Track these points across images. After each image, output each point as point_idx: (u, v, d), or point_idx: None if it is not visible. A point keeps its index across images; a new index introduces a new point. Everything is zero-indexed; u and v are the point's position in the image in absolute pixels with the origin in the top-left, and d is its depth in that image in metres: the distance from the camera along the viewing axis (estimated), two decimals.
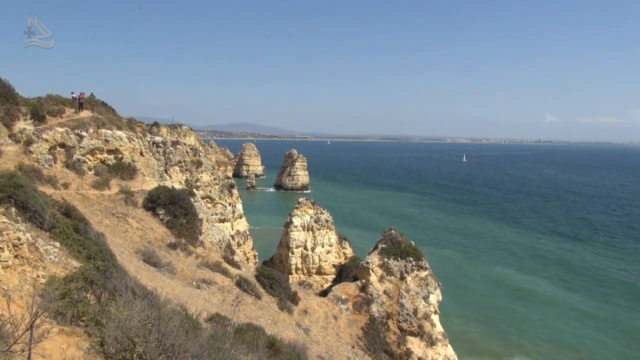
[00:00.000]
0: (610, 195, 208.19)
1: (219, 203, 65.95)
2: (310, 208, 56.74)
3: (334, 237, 56.33)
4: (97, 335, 6.44)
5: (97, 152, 30.20)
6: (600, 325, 67.41)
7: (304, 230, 55.26)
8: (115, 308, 6.83)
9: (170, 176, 56.07)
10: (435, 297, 36.24)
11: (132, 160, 31.71)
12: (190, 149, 70.25)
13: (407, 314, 33.54)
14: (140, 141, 34.12)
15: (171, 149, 63.89)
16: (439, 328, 35.58)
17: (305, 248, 54.60)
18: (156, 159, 49.27)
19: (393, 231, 38.97)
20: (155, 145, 62.39)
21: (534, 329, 65.12)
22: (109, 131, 31.31)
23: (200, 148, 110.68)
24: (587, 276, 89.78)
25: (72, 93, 35.32)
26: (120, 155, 31.15)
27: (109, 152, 30.78)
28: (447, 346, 34.97)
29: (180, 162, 63.77)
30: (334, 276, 50.73)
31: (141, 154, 33.45)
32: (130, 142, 32.23)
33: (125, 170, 30.37)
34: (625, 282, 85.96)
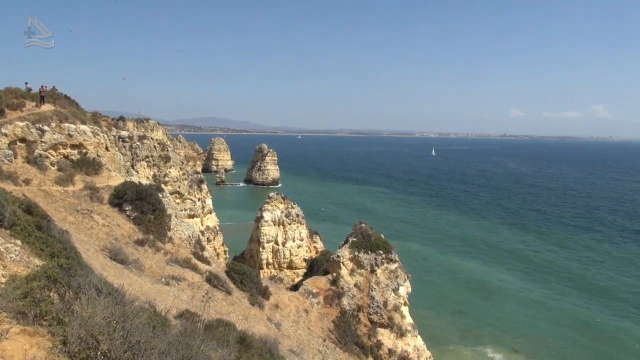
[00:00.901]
0: (571, 188, 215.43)
1: (188, 198, 65.07)
2: (281, 203, 56.66)
3: (304, 232, 56.45)
4: (60, 334, 6.28)
5: (60, 147, 29.27)
6: (558, 315, 69.82)
7: (274, 225, 55.16)
8: (79, 306, 6.68)
9: (137, 171, 54.93)
10: (404, 289, 36.81)
11: (97, 156, 30.89)
12: (158, 143, 68.98)
13: (378, 307, 33.96)
14: (105, 136, 33.27)
15: (138, 143, 62.58)
16: (409, 319, 36.19)
17: (276, 243, 54.53)
18: (122, 154, 48.16)
19: (363, 225, 39.30)
20: (121, 139, 60.96)
21: (498, 319, 66.98)
22: (72, 125, 30.39)
23: (168, 143, 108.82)
24: (547, 267, 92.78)
25: (27, 83, 34.05)
26: (84, 150, 30.29)
27: (73, 147, 29.88)
28: (416, 337, 35.62)
29: (147, 157, 62.55)
30: (305, 270, 50.87)
31: (106, 148, 32.64)
32: (95, 137, 31.38)
33: (90, 166, 29.55)
34: (581, 274, 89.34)
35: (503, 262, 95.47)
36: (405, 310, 36.31)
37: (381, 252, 36.42)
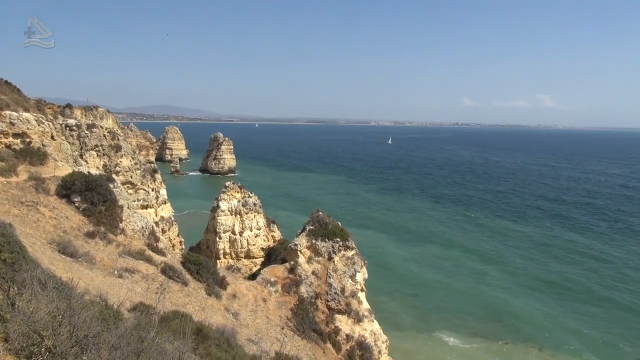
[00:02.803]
0: (518, 173, 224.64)
1: (141, 189, 63.29)
2: (238, 192, 56.04)
3: (262, 221, 56.16)
4: (2, 331, 5.98)
5: (2, 135, 27.75)
6: (507, 296, 73.13)
7: (231, 214, 54.56)
8: (22, 301, 6.38)
9: (86, 161, 52.87)
10: (361, 275, 37.40)
11: (42, 145, 29.47)
12: (108, 132, 66.52)
13: (335, 293, 34.36)
14: (50, 124, 31.77)
15: (86, 132, 60.13)
16: (366, 305, 36.86)
17: (233, 232, 54.00)
18: (70, 143, 46.20)
19: (320, 213, 39.50)
20: (68, 128, 58.40)
21: (452, 303, 69.33)
22: (14, 113, 28.81)
23: (119, 131, 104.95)
24: (497, 251, 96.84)
25: None
26: (28, 140, 28.82)
27: (15, 135, 28.38)
28: (373, 322, 36.35)
29: (97, 146, 60.26)
30: (263, 259, 50.74)
31: (52, 137, 31.19)
32: (39, 125, 29.91)
33: (34, 156, 28.15)
34: (528, 259, 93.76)
35: (456, 246, 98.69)
36: (362, 296, 36.94)
37: (338, 239, 36.78)
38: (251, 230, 54.47)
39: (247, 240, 53.98)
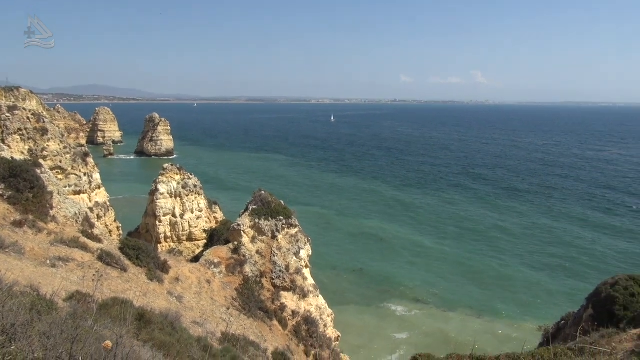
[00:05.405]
0: (451, 148, 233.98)
1: (72, 174, 60.04)
2: (177, 174, 54.64)
3: (203, 202, 55.24)
4: None
5: None
6: (446, 263, 76.84)
7: (171, 197, 53.23)
8: None
9: (8, 146, 49.39)
10: (305, 252, 37.85)
11: None
12: (32, 114, 62.22)
13: (280, 271, 34.62)
14: None
15: (8, 115, 55.99)
16: (310, 281, 37.45)
17: (174, 215, 52.80)
18: None
19: (263, 192, 39.35)
20: None
21: (396, 273, 71.83)
22: None
23: (45, 113, 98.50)
24: (435, 220, 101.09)
25: None
26: None
27: None
28: (318, 297, 37.06)
29: (20, 129, 56.32)
30: (206, 241, 50.04)
31: None
32: None
33: None
34: (463, 224, 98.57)
35: (401, 219, 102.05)
36: (307, 272, 37.46)
37: (281, 217, 36.89)
38: (192, 213, 53.47)
39: (189, 222, 52.99)
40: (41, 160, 41.38)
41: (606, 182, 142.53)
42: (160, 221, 52.21)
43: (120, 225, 64.94)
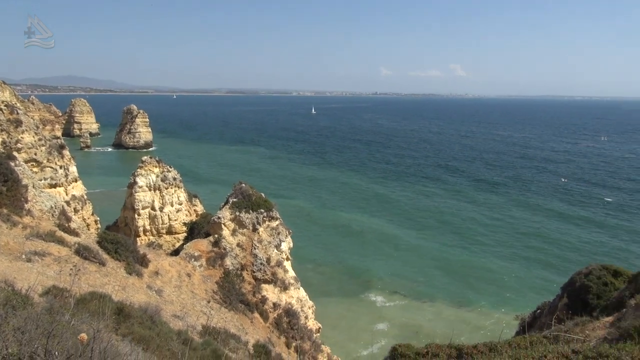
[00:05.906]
0: (430, 141, 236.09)
1: (47, 166, 58.71)
2: (156, 166, 53.87)
3: (183, 195, 54.66)
4: None
5: None
6: (426, 256, 77.75)
7: (150, 190, 52.49)
8: None
9: None
10: (286, 244, 37.86)
11: None
12: (5, 105, 60.50)
13: (261, 264, 34.58)
14: None
15: None
16: (291, 273, 37.50)
17: (153, 208, 52.13)
18: None
19: (243, 185, 39.16)
20: None
21: (376, 265, 72.44)
22: None
23: (18, 105, 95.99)
24: (413, 213, 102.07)
25: None
26: None
27: None
28: (299, 289, 37.16)
29: None
30: (186, 235, 49.55)
31: None
32: None
33: None
34: (445, 219, 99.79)
35: (380, 212, 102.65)
36: (288, 264, 37.50)
37: (262, 210, 36.79)
38: (172, 206, 52.89)
39: (168, 215, 52.41)
40: (15, 153, 40.39)
41: (581, 175, 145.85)
42: (139, 214, 51.49)
43: (98, 218, 63.91)
